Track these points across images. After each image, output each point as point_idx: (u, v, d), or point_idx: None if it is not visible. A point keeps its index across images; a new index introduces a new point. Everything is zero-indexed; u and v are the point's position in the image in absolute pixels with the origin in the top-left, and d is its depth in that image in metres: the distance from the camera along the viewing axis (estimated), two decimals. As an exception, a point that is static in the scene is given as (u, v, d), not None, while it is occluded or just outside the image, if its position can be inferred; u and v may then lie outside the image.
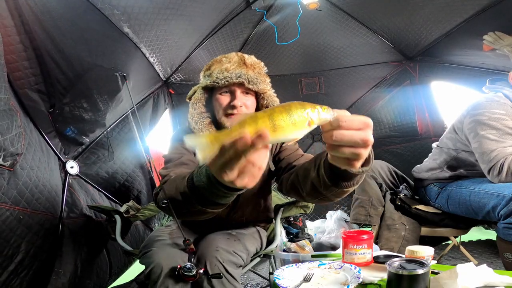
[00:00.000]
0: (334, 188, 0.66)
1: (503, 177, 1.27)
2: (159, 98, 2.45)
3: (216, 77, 1.02)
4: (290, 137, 0.53)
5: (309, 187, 0.75)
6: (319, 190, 0.71)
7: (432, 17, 2.02)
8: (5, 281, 1.19)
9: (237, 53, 1.08)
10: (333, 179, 0.65)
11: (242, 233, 1.08)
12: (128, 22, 1.66)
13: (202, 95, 1.08)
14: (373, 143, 0.52)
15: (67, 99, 1.55)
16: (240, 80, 1.01)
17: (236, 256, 0.96)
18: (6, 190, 1.18)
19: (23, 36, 1.28)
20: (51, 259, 1.41)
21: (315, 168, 0.70)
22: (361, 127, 0.51)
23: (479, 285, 0.70)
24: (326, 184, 0.67)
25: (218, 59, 1.07)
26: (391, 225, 1.55)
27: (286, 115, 0.52)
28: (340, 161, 0.55)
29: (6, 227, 1.18)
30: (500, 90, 1.41)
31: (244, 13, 2.28)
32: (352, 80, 2.64)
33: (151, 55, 2.05)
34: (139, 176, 2.16)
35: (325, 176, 0.66)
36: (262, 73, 1.08)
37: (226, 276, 0.91)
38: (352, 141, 0.50)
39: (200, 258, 0.94)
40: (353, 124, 0.50)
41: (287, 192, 0.91)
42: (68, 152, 1.71)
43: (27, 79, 1.36)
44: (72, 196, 1.65)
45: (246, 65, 1.04)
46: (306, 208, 1.44)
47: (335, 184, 0.65)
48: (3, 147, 1.15)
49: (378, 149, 2.77)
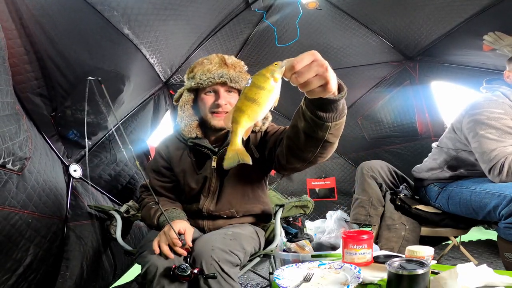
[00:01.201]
0: (326, 123, 0.72)
1: (504, 176, 1.27)
2: (160, 99, 2.45)
3: (200, 79, 1.09)
4: (271, 99, 0.63)
5: (303, 139, 0.80)
6: (313, 135, 0.77)
7: (432, 17, 2.02)
8: (14, 284, 1.19)
9: (217, 55, 1.15)
10: (320, 115, 0.71)
11: (239, 233, 1.09)
12: (128, 24, 1.67)
13: (189, 97, 1.16)
14: (327, 65, 0.60)
15: (68, 102, 1.55)
16: (222, 80, 1.08)
17: (233, 255, 0.97)
18: (15, 194, 1.18)
19: (24, 40, 1.27)
20: (58, 262, 1.42)
21: (301, 117, 0.77)
22: (312, 59, 0.60)
23: (479, 285, 0.71)
24: (317, 124, 0.73)
25: (199, 61, 1.15)
26: (391, 225, 1.55)
27: (256, 88, 0.62)
28: (316, 92, 0.63)
29: (15, 230, 1.19)
30: (497, 89, 1.41)
31: (243, 14, 2.28)
32: (352, 80, 2.64)
33: (152, 56, 2.05)
34: (142, 178, 2.16)
35: (312, 116, 0.72)
36: (243, 71, 1.15)
37: (222, 275, 0.91)
38: (312, 71, 0.59)
39: (196, 257, 0.95)
40: (304, 60, 0.59)
41: (287, 161, 0.94)
42: (71, 155, 1.71)
43: (29, 83, 1.36)
44: (76, 199, 1.65)
45: (227, 65, 1.11)
46: (306, 208, 1.45)
47: (325, 119, 0.72)
48: (12, 152, 1.15)
49: (378, 149, 2.77)
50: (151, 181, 1.23)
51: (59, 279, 1.39)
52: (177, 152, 1.19)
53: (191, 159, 1.16)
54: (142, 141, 2.26)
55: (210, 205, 1.15)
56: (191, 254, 0.98)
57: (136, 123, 2.17)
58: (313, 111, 0.71)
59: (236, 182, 1.14)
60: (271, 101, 0.63)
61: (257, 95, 0.62)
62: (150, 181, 1.23)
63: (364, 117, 2.74)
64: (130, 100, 2.04)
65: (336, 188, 2.93)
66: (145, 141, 2.30)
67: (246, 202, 1.17)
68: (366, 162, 1.72)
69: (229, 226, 1.15)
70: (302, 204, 1.47)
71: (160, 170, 1.21)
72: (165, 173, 1.21)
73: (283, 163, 0.96)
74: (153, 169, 1.23)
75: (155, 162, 1.23)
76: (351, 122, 2.78)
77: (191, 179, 1.15)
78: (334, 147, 0.83)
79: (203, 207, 1.15)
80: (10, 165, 1.15)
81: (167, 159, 1.20)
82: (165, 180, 1.22)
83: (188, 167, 1.16)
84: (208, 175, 1.13)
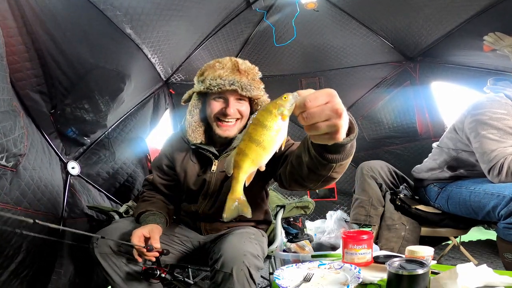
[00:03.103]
0: (330, 164, 0.67)
1: (503, 177, 1.27)
2: (159, 98, 2.45)
3: (210, 84, 1.04)
4: (278, 140, 0.56)
5: (306, 172, 0.76)
6: (317, 172, 0.72)
7: (433, 18, 2.02)
8: (6, 280, 1.19)
9: (231, 58, 1.09)
10: (326, 156, 0.66)
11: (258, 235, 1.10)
12: (130, 23, 1.67)
13: (198, 101, 1.12)
14: (345, 110, 0.53)
15: (68, 100, 1.55)
16: (233, 88, 1.02)
17: (260, 259, 0.97)
18: (8, 190, 1.18)
19: (25, 37, 1.27)
20: (52, 259, 1.41)
21: (306, 151, 0.72)
22: (328, 100, 0.52)
23: (479, 285, 0.70)
24: (321, 163, 0.68)
25: (211, 64, 1.08)
26: (391, 225, 1.55)
27: (261, 128, 0.55)
28: (322, 138, 0.55)
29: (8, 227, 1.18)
30: (501, 90, 1.41)
31: (244, 13, 2.28)
32: (352, 80, 2.64)
33: (153, 55, 2.05)
34: (140, 176, 2.16)
35: (317, 155, 0.67)
36: (256, 79, 1.09)
37: (249, 281, 0.90)
38: (323, 115, 0.51)
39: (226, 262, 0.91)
40: (319, 99, 0.52)
41: (289, 185, 0.92)
42: (70, 153, 1.71)
43: (29, 80, 1.36)
44: (73, 196, 1.65)
45: (239, 71, 1.05)
46: (306, 209, 1.45)
47: (330, 160, 0.66)
48: (5, 148, 1.15)
49: (378, 149, 2.77)
50: (154, 178, 1.26)
51: (54, 276, 1.38)
52: (180, 153, 1.19)
53: (193, 161, 1.16)
54: (141, 139, 2.26)
55: (207, 208, 1.15)
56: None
57: (136, 121, 2.17)
58: (318, 150, 0.66)
59: None
60: (278, 143, 0.56)
61: (263, 137, 0.54)
62: (154, 178, 1.26)
63: (364, 118, 2.74)
64: (131, 98, 2.04)
65: (336, 188, 2.93)
66: (144, 140, 2.30)
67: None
68: (366, 162, 1.72)
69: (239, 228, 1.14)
70: (302, 205, 1.46)
71: (163, 168, 1.23)
72: (168, 172, 1.23)
73: (285, 185, 0.95)
74: (157, 166, 1.25)
75: (159, 160, 1.25)
76: (351, 122, 2.77)
77: (191, 181, 1.16)
78: (337, 179, 0.78)
79: (200, 209, 1.15)
80: (3, 161, 1.15)
81: (170, 158, 1.21)
82: (167, 178, 1.24)
83: (190, 168, 1.16)
84: (207, 178, 1.12)
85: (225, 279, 0.89)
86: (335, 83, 2.66)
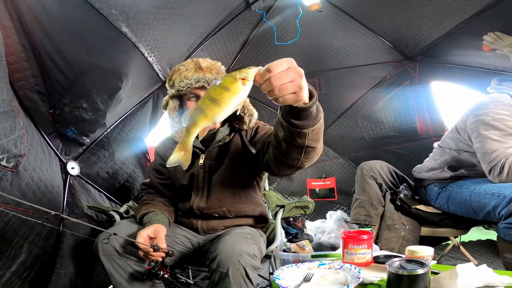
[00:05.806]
0: (303, 130, 0.73)
1: (504, 177, 1.27)
2: (159, 98, 2.44)
3: (179, 86, 1.14)
4: (234, 102, 0.61)
5: (285, 147, 0.81)
6: (294, 143, 0.77)
7: (432, 17, 2.02)
8: (7, 281, 1.19)
9: (193, 59, 1.19)
10: (296, 123, 0.72)
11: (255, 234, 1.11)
12: (126, 22, 1.66)
13: (175, 103, 1.20)
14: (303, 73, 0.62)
15: (66, 100, 1.55)
16: (200, 84, 1.11)
17: (256, 259, 0.97)
18: (9, 191, 1.17)
19: (22, 37, 1.27)
20: (53, 259, 1.41)
21: (279, 126, 0.78)
22: (289, 65, 0.61)
23: (479, 285, 0.70)
24: (295, 132, 0.74)
25: (176, 69, 1.19)
26: (391, 225, 1.55)
27: (220, 88, 0.60)
28: (289, 98, 0.63)
29: (9, 228, 1.18)
30: (506, 91, 1.40)
31: (243, 14, 2.28)
32: (352, 80, 2.63)
33: (150, 54, 2.05)
34: (140, 176, 2.16)
35: (288, 125, 0.73)
36: (221, 72, 1.18)
37: (245, 280, 0.90)
38: (288, 77, 0.60)
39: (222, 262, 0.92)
40: (281, 65, 0.60)
41: (277, 169, 0.95)
42: (69, 153, 1.71)
43: (27, 80, 1.36)
44: (73, 196, 1.65)
45: (202, 68, 1.15)
46: (306, 208, 1.44)
47: (301, 126, 0.72)
48: (6, 149, 1.15)
49: (378, 149, 2.76)
50: (151, 179, 1.33)
51: (54, 276, 1.38)
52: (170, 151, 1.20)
53: None
54: (140, 139, 2.26)
55: (200, 202, 1.17)
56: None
57: (135, 121, 2.16)
58: (288, 120, 0.73)
59: (224, 179, 1.16)
60: (234, 104, 0.61)
61: (220, 96, 0.60)
62: (151, 179, 1.33)
63: (364, 117, 2.74)
64: (129, 98, 2.03)
65: (336, 188, 2.92)
66: (143, 140, 2.29)
67: (237, 201, 1.18)
68: (366, 162, 1.72)
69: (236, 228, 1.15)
70: (302, 205, 1.46)
71: (158, 169, 1.30)
72: (163, 171, 1.30)
73: (274, 170, 0.98)
74: (153, 168, 1.33)
75: (154, 161, 1.34)
76: (351, 122, 2.77)
77: (180, 176, 1.21)
78: (318, 150, 0.83)
79: (194, 204, 1.18)
80: (4, 162, 1.15)
81: (163, 157, 1.28)
82: (163, 177, 1.30)
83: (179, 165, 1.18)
84: (195, 172, 1.17)
85: (222, 279, 0.89)
86: (335, 83, 2.66)
